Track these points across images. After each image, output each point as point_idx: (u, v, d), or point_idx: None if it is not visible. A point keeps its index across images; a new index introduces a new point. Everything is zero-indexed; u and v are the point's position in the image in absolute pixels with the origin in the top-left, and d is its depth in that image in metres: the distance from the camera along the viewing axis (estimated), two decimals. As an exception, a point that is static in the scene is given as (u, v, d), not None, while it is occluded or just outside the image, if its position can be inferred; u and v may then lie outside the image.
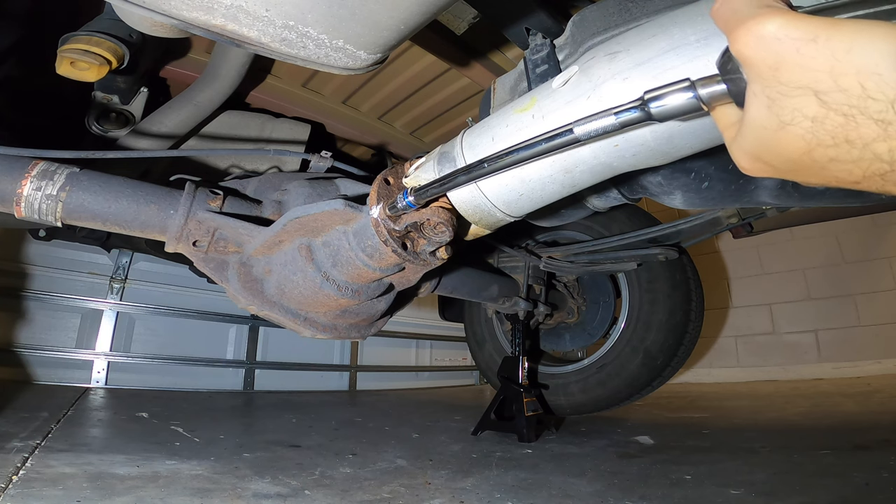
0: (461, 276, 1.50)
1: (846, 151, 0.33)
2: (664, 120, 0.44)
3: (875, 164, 0.32)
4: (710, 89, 0.40)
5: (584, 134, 0.49)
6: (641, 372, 1.74)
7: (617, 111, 0.46)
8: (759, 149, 0.38)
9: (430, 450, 1.44)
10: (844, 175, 0.34)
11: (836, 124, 0.32)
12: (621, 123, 0.46)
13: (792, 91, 0.33)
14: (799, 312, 3.52)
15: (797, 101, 0.33)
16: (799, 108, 0.33)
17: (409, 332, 3.73)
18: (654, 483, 1.09)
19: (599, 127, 0.48)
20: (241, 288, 0.95)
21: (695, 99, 0.41)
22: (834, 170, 0.34)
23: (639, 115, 0.45)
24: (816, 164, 0.35)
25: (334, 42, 0.74)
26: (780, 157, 0.37)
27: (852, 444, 1.35)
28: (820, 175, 0.36)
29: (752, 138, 0.38)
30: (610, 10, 0.87)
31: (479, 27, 1.50)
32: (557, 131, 0.52)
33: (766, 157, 0.38)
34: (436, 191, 0.70)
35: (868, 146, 0.32)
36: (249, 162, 1.79)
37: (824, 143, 0.33)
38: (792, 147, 0.35)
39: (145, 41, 1.28)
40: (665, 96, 0.42)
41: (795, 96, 0.33)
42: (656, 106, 0.43)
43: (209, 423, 1.69)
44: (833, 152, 0.33)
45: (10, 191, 0.81)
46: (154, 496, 0.90)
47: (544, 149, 0.54)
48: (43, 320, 2.27)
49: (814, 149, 0.34)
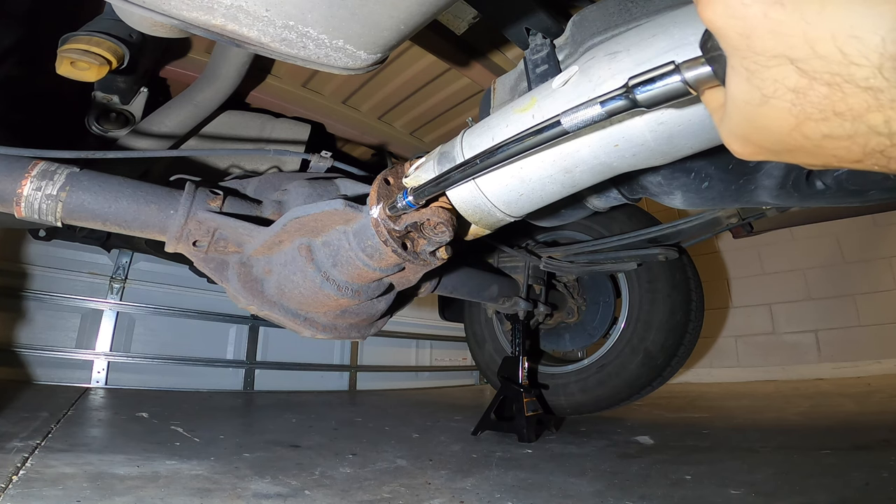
0: (461, 276, 1.50)
1: (838, 125, 0.30)
2: (651, 106, 0.42)
3: (873, 139, 0.30)
4: (695, 72, 0.38)
5: (571, 125, 0.48)
6: (641, 372, 1.74)
7: (602, 100, 0.45)
8: (746, 128, 0.35)
9: (430, 450, 1.44)
10: (843, 153, 0.32)
11: (821, 95, 0.29)
12: (608, 112, 0.45)
13: (768, 61, 0.30)
14: (799, 312, 3.52)
15: (776, 72, 0.30)
16: (779, 79, 0.31)
17: (409, 332, 3.73)
18: (654, 483, 1.09)
19: (587, 117, 0.47)
20: (241, 288, 0.95)
21: (681, 83, 0.39)
22: (830, 147, 0.32)
23: (624, 102, 0.43)
24: (810, 141, 0.32)
25: (334, 42, 0.74)
26: (770, 136, 0.34)
27: (852, 444, 1.35)
28: (817, 155, 0.33)
29: (737, 116, 0.35)
30: (610, 10, 0.87)
31: (479, 27, 1.50)
32: (545, 123, 0.51)
33: (755, 136, 0.35)
34: (432, 189, 0.70)
35: (860, 118, 0.29)
36: (249, 162, 1.79)
37: (812, 117, 0.31)
38: (779, 123, 0.33)
39: (145, 41, 1.28)
40: (650, 82, 0.41)
41: (773, 66, 0.30)
42: (642, 92, 0.41)
43: (209, 423, 1.69)
44: (825, 127, 0.31)
45: (10, 191, 0.81)
46: (154, 496, 0.90)
47: (534, 142, 0.53)
48: (43, 320, 2.27)
49: (802, 123, 0.31)
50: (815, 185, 0.86)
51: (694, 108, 0.56)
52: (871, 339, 3.15)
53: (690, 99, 0.41)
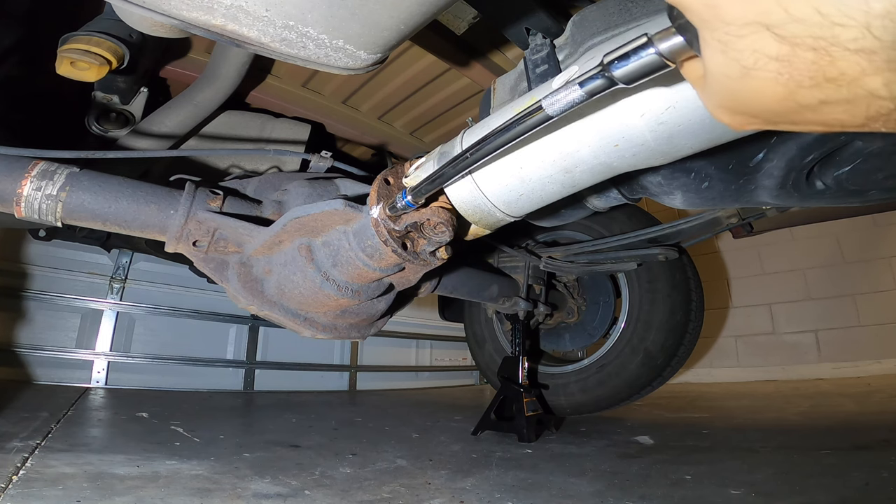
0: (461, 276, 1.50)
1: (834, 91, 0.27)
2: (630, 82, 0.41)
3: (875, 103, 0.27)
4: (668, 43, 0.37)
5: (554, 110, 0.47)
6: (641, 372, 1.74)
7: (581, 80, 0.44)
8: (731, 100, 0.33)
9: (430, 450, 1.44)
10: (847, 118, 0.29)
11: (808, 61, 0.26)
12: (588, 93, 0.44)
13: (741, 30, 0.27)
14: (799, 312, 3.52)
15: (752, 41, 0.27)
16: (757, 48, 0.28)
17: (409, 332, 3.73)
18: (654, 483, 1.09)
19: (569, 100, 0.46)
20: (241, 288, 0.95)
21: (656, 55, 0.38)
22: (831, 113, 0.29)
23: (602, 81, 0.42)
24: (807, 108, 0.29)
25: (334, 42, 0.74)
26: (760, 106, 0.31)
27: (852, 444, 1.35)
28: (819, 121, 0.30)
29: (719, 89, 0.33)
30: (610, 10, 0.87)
31: (479, 27, 1.50)
32: (527, 110, 0.50)
33: (743, 107, 0.33)
34: (428, 186, 0.70)
35: (857, 82, 0.26)
36: (249, 162, 1.79)
37: (804, 85, 0.28)
38: (768, 94, 0.30)
39: (145, 41, 1.28)
40: (625, 57, 0.40)
41: (747, 35, 0.27)
42: (618, 68, 0.40)
43: (209, 423, 1.69)
44: (819, 93, 0.28)
45: (10, 191, 0.81)
46: (154, 496, 0.90)
47: (520, 130, 0.52)
48: (43, 320, 2.27)
49: (794, 92, 0.28)
50: (815, 185, 0.86)
51: (693, 109, 0.56)
52: (871, 339, 3.15)
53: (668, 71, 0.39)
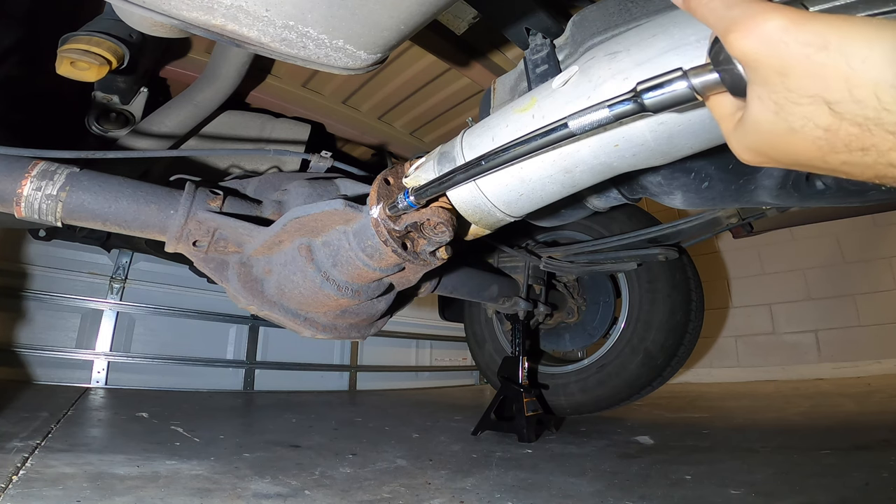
0: (461, 276, 1.50)
1: (860, 157, 0.31)
2: (658, 111, 0.43)
3: (890, 170, 0.31)
4: (702, 78, 0.39)
5: (578, 128, 0.49)
6: (641, 372, 1.74)
7: (610, 104, 0.46)
8: (763, 146, 0.36)
9: (430, 450, 1.44)
10: (856, 173, 0.33)
11: (850, 134, 0.30)
12: (615, 116, 0.46)
13: (801, 99, 0.31)
14: (799, 312, 3.52)
15: (808, 110, 0.31)
16: (810, 116, 0.31)
17: (409, 332, 3.73)
18: (654, 483, 1.09)
19: (594, 120, 0.47)
20: (241, 288, 0.95)
21: (688, 89, 0.40)
22: (844, 168, 0.33)
23: (632, 106, 0.44)
24: (828, 166, 0.33)
25: (334, 42, 0.74)
26: (788, 158, 0.35)
27: (852, 444, 1.35)
28: (830, 170, 0.34)
29: (756, 138, 0.36)
30: (610, 10, 0.87)
31: (479, 27, 1.50)
32: (552, 126, 0.51)
33: (771, 154, 0.36)
34: (435, 190, 0.70)
35: (883, 155, 0.30)
36: (249, 162, 1.79)
37: (837, 150, 0.32)
38: (801, 151, 0.33)
39: (145, 41, 1.28)
40: (658, 87, 0.42)
41: (805, 105, 0.31)
42: (650, 97, 0.42)
43: (209, 423, 1.69)
44: (845, 157, 0.32)
45: (10, 191, 0.81)
46: (154, 496, 0.90)
47: (540, 144, 0.53)
48: (43, 320, 2.27)
49: (827, 154, 0.32)
50: (815, 185, 0.86)
51: (694, 109, 0.56)
52: (871, 339, 3.15)
53: (694, 104, 0.42)
